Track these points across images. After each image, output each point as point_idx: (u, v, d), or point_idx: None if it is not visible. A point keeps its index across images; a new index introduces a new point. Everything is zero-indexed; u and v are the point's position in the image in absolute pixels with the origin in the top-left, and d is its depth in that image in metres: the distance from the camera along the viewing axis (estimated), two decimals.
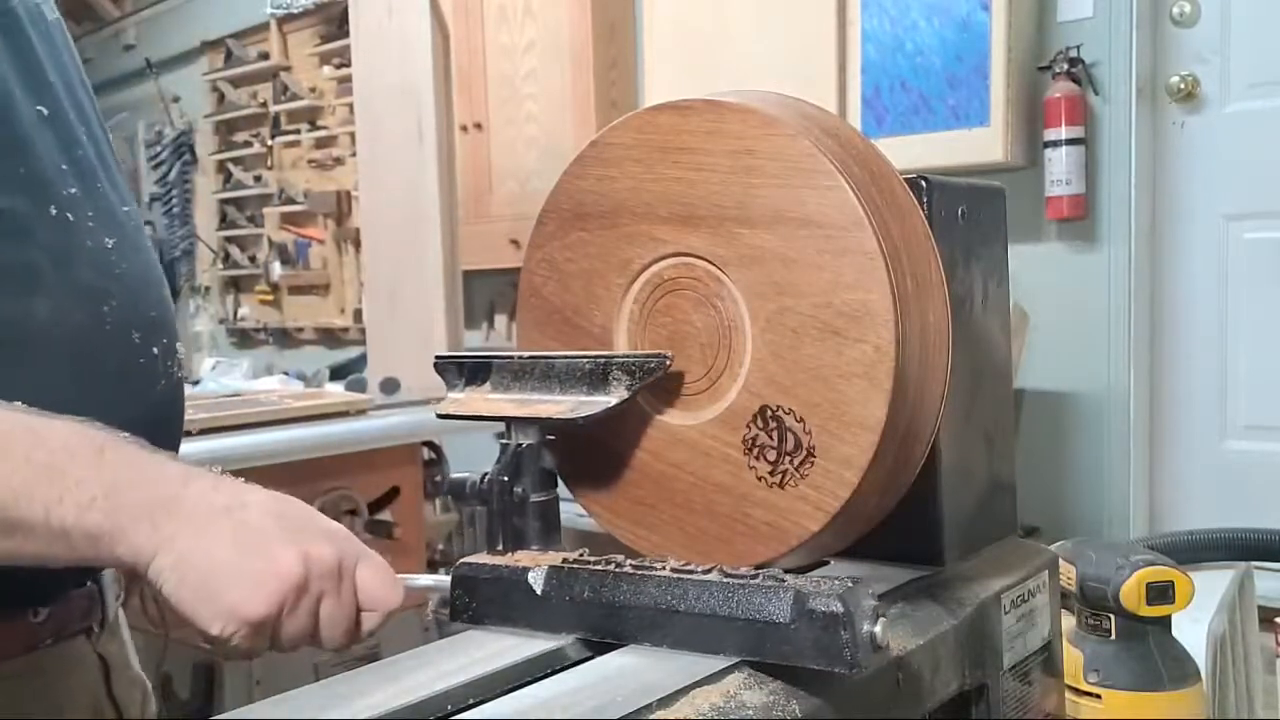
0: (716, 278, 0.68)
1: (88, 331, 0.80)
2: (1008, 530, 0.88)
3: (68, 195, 0.81)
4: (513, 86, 3.40)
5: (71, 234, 0.81)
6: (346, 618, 0.68)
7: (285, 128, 4.87)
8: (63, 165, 0.82)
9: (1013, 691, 0.80)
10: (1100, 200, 2.42)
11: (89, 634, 0.88)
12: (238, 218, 5.20)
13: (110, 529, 0.65)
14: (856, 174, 0.64)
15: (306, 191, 4.72)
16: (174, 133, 5.29)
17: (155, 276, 0.89)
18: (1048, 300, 2.44)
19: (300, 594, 0.65)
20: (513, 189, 3.41)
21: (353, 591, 0.68)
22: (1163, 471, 2.47)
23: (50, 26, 0.89)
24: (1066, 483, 2.49)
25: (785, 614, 0.59)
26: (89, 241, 0.82)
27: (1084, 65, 2.39)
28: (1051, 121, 2.38)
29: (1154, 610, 0.97)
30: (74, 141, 0.85)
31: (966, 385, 0.80)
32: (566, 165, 0.74)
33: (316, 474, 2.07)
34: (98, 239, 0.82)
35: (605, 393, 0.68)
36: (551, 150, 3.27)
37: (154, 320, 0.86)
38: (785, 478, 0.66)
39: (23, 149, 0.79)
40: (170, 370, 0.87)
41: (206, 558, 0.65)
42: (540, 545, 0.71)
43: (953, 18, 2.42)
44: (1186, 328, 2.43)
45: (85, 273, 0.81)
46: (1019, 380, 2.41)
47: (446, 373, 0.75)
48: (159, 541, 0.65)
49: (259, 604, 0.64)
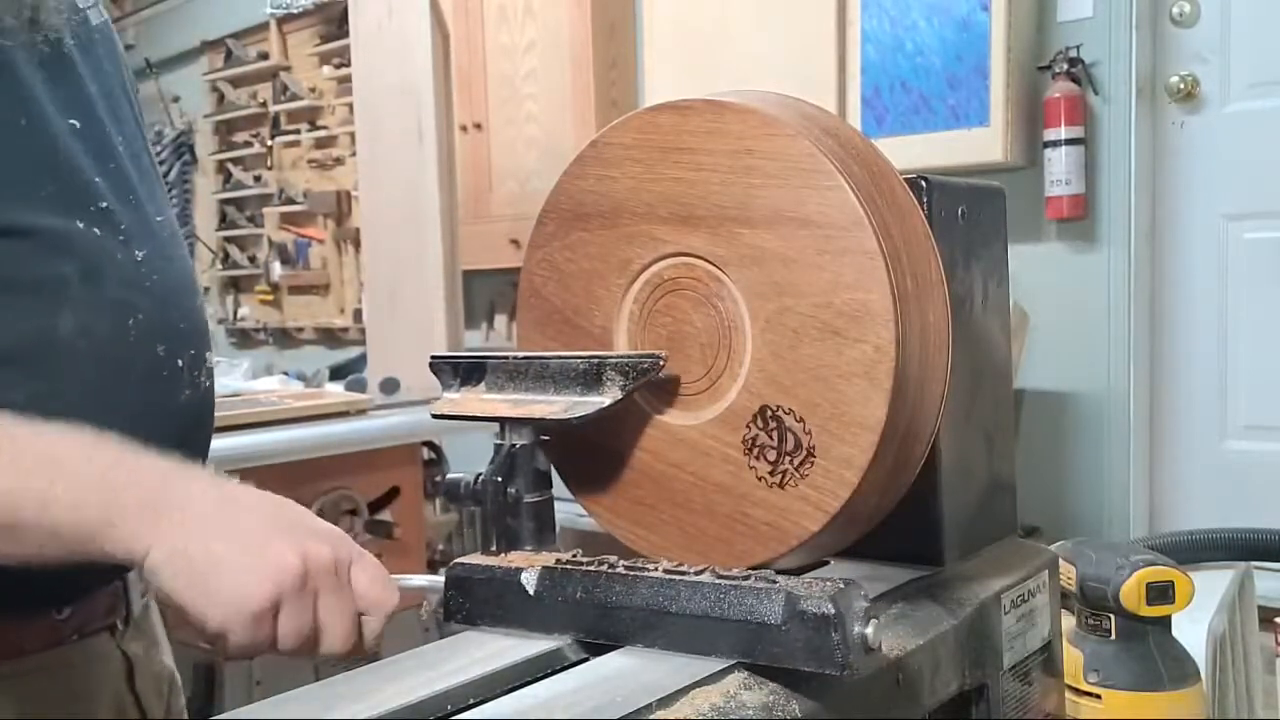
0: (716, 278, 0.68)
1: (112, 344, 0.81)
2: (1008, 530, 0.88)
3: (98, 210, 0.82)
4: (513, 86, 3.40)
5: (101, 248, 0.81)
6: (345, 617, 0.68)
7: (285, 128, 4.87)
8: (95, 179, 0.83)
9: (1013, 691, 0.80)
10: (1100, 200, 2.42)
11: (113, 631, 0.89)
12: (237, 218, 5.20)
13: (103, 527, 0.65)
14: (856, 174, 0.64)
15: (306, 191, 4.72)
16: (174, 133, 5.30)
17: (187, 285, 0.89)
18: (1048, 300, 2.44)
19: (298, 589, 0.65)
20: (513, 189, 3.41)
21: (350, 591, 0.68)
22: (1163, 471, 2.47)
23: (93, 31, 0.89)
24: (1066, 483, 2.49)
25: (777, 615, 0.59)
26: (119, 255, 0.82)
27: (1084, 65, 2.39)
28: (1051, 121, 2.38)
29: (1154, 610, 0.97)
30: (108, 153, 0.86)
31: (966, 385, 0.80)
32: (566, 165, 0.74)
33: (316, 474, 2.07)
34: (128, 252, 0.83)
35: (599, 393, 0.68)
36: (551, 150, 3.27)
37: (182, 331, 0.86)
38: (785, 478, 0.66)
39: (52, 167, 0.80)
40: (197, 380, 0.87)
41: (203, 551, 0.64)
42: (534, 546, 0.71)
43: (953, 18, 2.42)
44: (1186, 328, 2.43)
45: (113, 286, 0.81)
46: (1019, 380, 2.41)
47: (442, 373, 0.75)
48: (154, 537, 0.64)
49: (257, 595, 0.64)
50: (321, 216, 4.68)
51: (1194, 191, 2.40)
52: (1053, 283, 2.46)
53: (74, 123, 0.83)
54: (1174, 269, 2.44)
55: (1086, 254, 2.45)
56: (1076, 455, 2.48)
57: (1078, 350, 2.47)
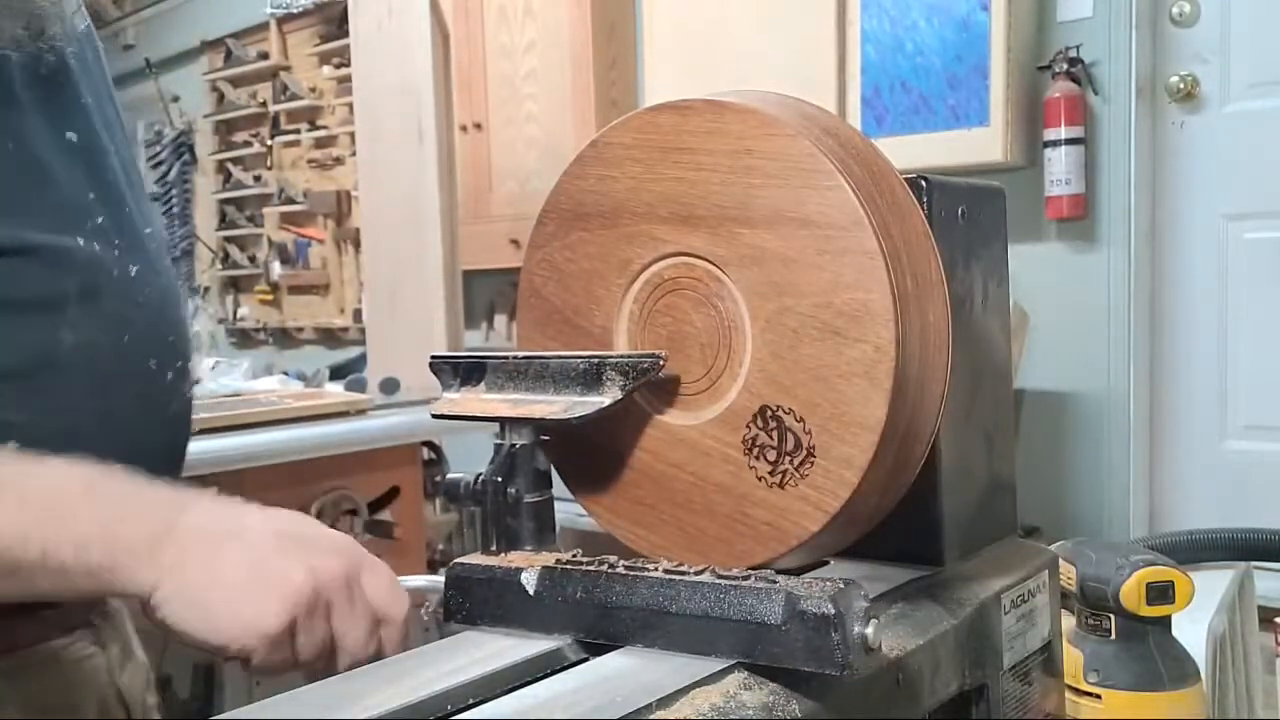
0: (716, 278, 0.68)
1: (109, 360, 0.81)
2: (1008, 530, 0.88)
3: (95, 226, 0.82)
4: (513, 86, 3.40)
5: (98, 265, 0.81)
6: (361, 628, 0.68)
7: (285, 128, 4.88)
8: (90, 194, 0.83)
9: (1013, 691, 0.80)
10: (1100, 200, 2.42)
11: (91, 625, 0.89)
12: (237, 218, 5.20)
13: (109, 565, 0.65)
14: (856, 174, 0.64)
15: (306, 191, 4.73)
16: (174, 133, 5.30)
17: (174, 298, 0.90)
18: (1048, 300, 2.44)
19: (312, 606, 0.66)
20: (513, 189, 3.41)
21: (365, 599, 0.69)
22: (1163, 471, 2.47)
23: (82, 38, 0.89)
24: (1066, 483, 2.49)
25: (777, 615, 0.59)
26: (114, 270, 0.82)
27: (1084, 65, 2.40)
28: (1051, 121, 2.39)
29: (1154, 610, 0.97)
30: (103, 166, 0.85)
31: (966, 385, 0.80)
32: (566, 165, 0.74)
33: (316, 474, 2.07)
34: (123, 267, 0.83)
35: (599, 393, 0.68)
36: (551, 150, 3.27)
37: (171, 344, 0.86)
38: (785, 478, 0.65)
39: (52, 185, 0.80)
40: (182, 391, 0.88)
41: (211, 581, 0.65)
42: (534, 546, 0.71)
43: (953, 18, 2.42)
44: (1186, 328, 2.44)
45: (110, 303, 0.81)
46: (1019, 380, 2.42)
47: (441, 373, 0.75)
48: (159, 573, 0.65)
49: (270, 619, 0.64)
50: (321, 216, 4.68)
51: (1194, 191, 2.41)
52: (1053, 283, 2.46)
53: (71, 136, 0.83)
54: (1174, 269, 2.44)
55: (1086, 254, 2.45)
56: (1076, 455, 2.49)
57: (1078, 350, 2.47)
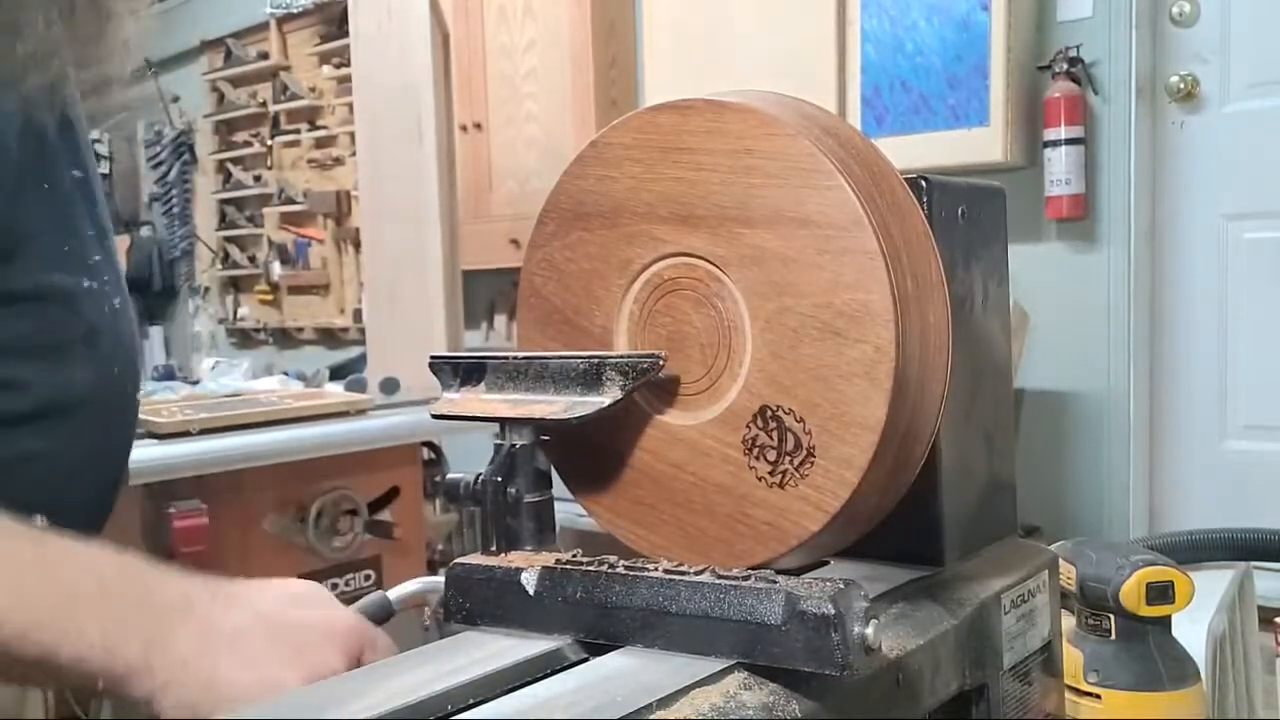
0: (716, 278, 0.68)
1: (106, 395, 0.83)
2: (1008, 530, 0.88)
3: (94, 263, 0.83)
4: (513, 86, 3.40)
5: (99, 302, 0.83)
6: None
7: (285, 127, 4.88)
8: (90, 231, 0.84)
9: (1013, 691, 0.80)
10: (1100, 200, 2.42)
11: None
12: (237, 218, 5.20)
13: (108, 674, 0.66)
14: (856, 174, 0.64)
15: (306, 191, 4.73)
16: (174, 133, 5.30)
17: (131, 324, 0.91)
18: (1048, 300, 2.44)
19: None
20: (513, 189, 3.41)
21: None
22: (1163, 471, 2.47)
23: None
24: (1066, 483, 2.49)
25: (777, 616, 0.59)
26: (107, 307, 0.84)
27: (1084, 65, 2.40)
28: (1051, 121, 2.39)
29: (1154, 610, 0.97)
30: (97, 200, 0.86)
31: (966, 385, 0.80)
32: (566, 165, 0.74)
33: (316, 474, 2.07)
34: (110, 301, 0.85)
35: (599, 393, 0.68)
36: (551, 150, 3.27)
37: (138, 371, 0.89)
38: (785, 478, 0.65)
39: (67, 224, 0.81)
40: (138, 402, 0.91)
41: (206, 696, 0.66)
42: (534, 546, 0.70)
43: (953, 18, 2.42)
44: (1186, 328, 2.44)
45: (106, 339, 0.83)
46: (1019, 380, 2.42)
47: (441, 373, 0.75)
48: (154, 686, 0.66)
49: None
50: (321, 216, 4.68)
51: (1194, 191, 2.41)
52: (1053, 283, 2.46)
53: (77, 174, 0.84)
54: (1174, 269, 2.44)
55: (1086, 254, 2.45)
56: (1076, 455, 2.49)
57: (1078, 350, 2.47)
